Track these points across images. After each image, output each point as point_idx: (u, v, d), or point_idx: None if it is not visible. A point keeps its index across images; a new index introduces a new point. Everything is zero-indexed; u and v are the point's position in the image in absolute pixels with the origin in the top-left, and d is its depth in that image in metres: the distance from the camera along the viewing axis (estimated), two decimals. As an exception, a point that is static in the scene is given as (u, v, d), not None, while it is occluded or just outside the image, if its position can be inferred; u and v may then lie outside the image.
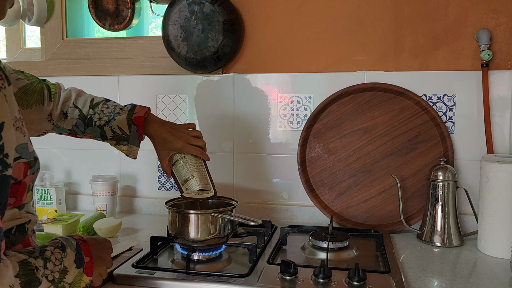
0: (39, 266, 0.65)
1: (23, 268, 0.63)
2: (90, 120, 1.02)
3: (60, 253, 0.71)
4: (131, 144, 1.03)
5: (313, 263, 0.99)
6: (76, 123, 1.03)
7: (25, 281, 0.62)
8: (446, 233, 1.16)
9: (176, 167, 1.06)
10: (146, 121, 1.03)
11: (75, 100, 1.04)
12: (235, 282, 0.87)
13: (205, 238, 0.99)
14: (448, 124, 1.29)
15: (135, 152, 1.04)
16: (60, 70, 1.55)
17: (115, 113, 1.03)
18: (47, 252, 0.69)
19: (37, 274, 0.64)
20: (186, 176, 1.04)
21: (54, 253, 0.70)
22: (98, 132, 1.03)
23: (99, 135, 1.03)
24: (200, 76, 1.45)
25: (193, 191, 1.02)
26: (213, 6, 1.34)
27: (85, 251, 0.76)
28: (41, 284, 0.65)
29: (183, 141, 1.04)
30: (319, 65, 1.37)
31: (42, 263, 0.66)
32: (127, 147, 1.03)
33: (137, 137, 1.02)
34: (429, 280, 0.93)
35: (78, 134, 1.04)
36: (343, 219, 1.32)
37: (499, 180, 1.06)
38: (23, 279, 0.62)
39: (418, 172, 1.29)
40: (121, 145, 1.03)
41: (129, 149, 1.04)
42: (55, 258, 0.69)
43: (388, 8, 1.31)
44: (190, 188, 1.03)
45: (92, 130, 1.03)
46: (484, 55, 1.22)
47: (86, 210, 1.50)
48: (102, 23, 1.49)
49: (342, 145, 1.34)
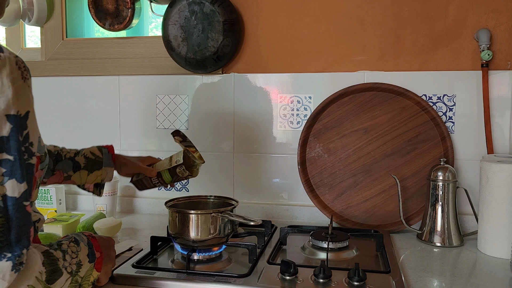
0: (59, 258, 0.69)
1: (47, 258, 0.66)
2: (59, 155, 1.04)
3: (75, 247, 0.74)
4: (105, 167, 1.05)
5: (313, 263, 0.99)
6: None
7: (50, 270, 0.66)
8: (446, 233, 1.16)
9: (155, 165, 1.12)
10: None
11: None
12: (235, 282, 0.87)
13: (205, 238, 0.99)
14: (448, 124, 1.29)
15: (110, 174, 1.07)
16: (60, 70, 1.55)
17: (81, 148, 1.07)
18: (64, 245, 0.72)
19: (59, 265, 0.68)
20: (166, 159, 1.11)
21: (70, 246, 0.73)
22: (69, 165, 1.04)
23: (71, 168, 1.04)
24: (200, 76, 1.45)
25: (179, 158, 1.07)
26: (213, 6, 1.34)
27: (96, 247, 0.80)
28: (62, 275, 0.68)
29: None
30: (319, 65, 1.37)
31: (61, 255, 0.70)
32: (102, 171, 1.05)
33: (110, 157, 1.06)
34: (429, 280, 0.93)
35: (45, 177, 1.03)
36: (343, 219, 1.32)
37: (499, 180, 1.06)
38: (48, 268, 0.65)
39: (418, 172, 1.29)
40: (94, 171, 1.05)
41: (104, 172, 1.06)
42: (71, 251, 0.72)
43: (388, 8, 1.31)
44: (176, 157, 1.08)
45: (63, 164, 1.03)
46: (484, 55, 1.22)
47: (86, 210, 1.50)
48: (102, 23, 1.49)
49: (342, 145, 1.34)
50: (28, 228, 0.63)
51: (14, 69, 0.61)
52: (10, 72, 0.60)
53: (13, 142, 0.61)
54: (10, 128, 0.60)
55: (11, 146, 0.61)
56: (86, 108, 1.54)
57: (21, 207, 0.62)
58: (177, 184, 1.48)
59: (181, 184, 1.48)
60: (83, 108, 1.55)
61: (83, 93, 1.54)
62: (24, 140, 0.62)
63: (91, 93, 1.54)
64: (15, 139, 0.61)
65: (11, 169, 0.61)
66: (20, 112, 0.61)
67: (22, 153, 0.62)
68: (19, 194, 0.62)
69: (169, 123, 1.47)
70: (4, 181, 0.60)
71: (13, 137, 0.61)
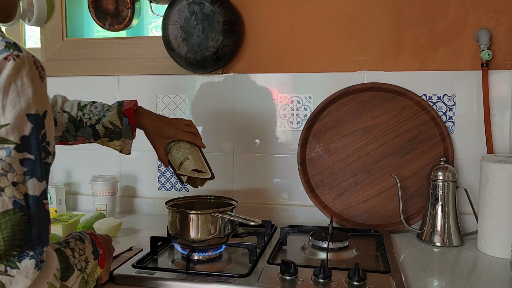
0: (69, 255, 0.70)
1: (59, 256, 0.68)
2: (80, 121, 1.03)
3: (81, 244, 0.75)
4: (124, 138, 1.04)
5: (313, 263, 0.99)
6: (66, 128, 1.03)
7: (64, 268, 0.67)
8: (446, 233, 1.16)
9: (171, 154, 1.06)
10: (136, 112, 1.04)
11: (61, 105, 1.05)
12: (235, 282, 0.87)
13: (205, 238, 0.99)
14: (448, 124, 1.29)
15: (128, 146, 1.05)
16: (60, 70, 1.55)
17: (104, 110, 1.04)
18: (71, 243, 0.73)
19: (70, 262, 0.69)
20: (180, 159, 1.04)
21: (77, 244, 0.74)
22: (90, 133, 1.03)
23: (91, 135, 1.03)
24: (200, 76, 1.45)
25: (188, 170, 1.03)
26: (213, 6, 1.34)
27: (99, 244, 0.81)
28: (74, 272, 0.69)
29: (175, 128, 1.06)
30: (319, 65, 1.37)
31: (71, 253, 0.71)
32: (120, 141, 1.04)
33: (129, 129, 1.03)
34: (429, 280, 0.93)
35: (69, 139, 1.04)
36: (343, 219, 1.32)
37: (499, 180, 1.06)
38: (62, 265, 0.67)
39: (418, 172, 1.29)
40: (114, 140, 1.03)
41: (123, 143, 1.04)
42: (78, 248, 0.74)
43: (388, 8, 1.31)
44: (185, 168, 1.03)
45: (84, 132, 1.03)
46: (484, 55, 1.22)
47: (86, 210, 1.50)
48: (102, 23, 1.49)
49: (342, 145, 1.34)
50: (47, 225, 0.64)
51: (33, 68, 0.62)
52: (29, 71, 0.61)
53: (34, 141, 0.61)
54: (31, 128, 0.61)
55: (32, 145, 0.61)
56: (86, 108, 1.54)
57: (41, 205, 0.63)
58: (177, 184, 1.48)
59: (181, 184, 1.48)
60: (83, 108, 1.54)
61: (83, 93, 1.54)
62: (42, 139, 0.63)
63: (91, 93, 1.53)
64: (36, 138, 0.61)
65: (32, 168, 0.61)
66: (39, 111, 0.62)
67: (41, 152, 0.62)
68: (40, 193, 0.62)
69: (169, 123, 1.47)
70: (25, 180, 0.61)
71: (33, 136, 0.61)
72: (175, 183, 1.49)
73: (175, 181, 1.49)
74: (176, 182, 1.48)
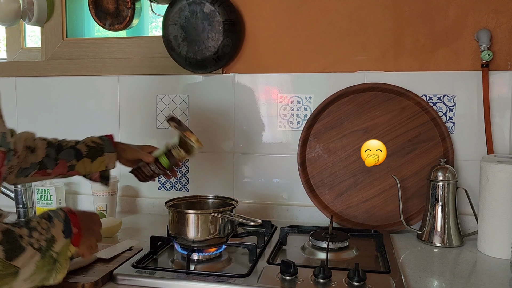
0: (23, 235, 0.69)
1: (6, 236, 0.66)
2: (60, 145, 1.04)
3: (46, 223, 0.74)
4: (107, 152, 1.04)
5: (313, 263, 0.99)
6: (46, 153, 1.02)
7: (8, 248, 0.66)
8: (446, 233, 1.16)
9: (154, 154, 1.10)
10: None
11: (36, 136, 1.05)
12: (235, 282, 0.87)
13: (205, 238, 0.99)
14: (448, 124, 1.29)
15: (113, 159, 1.06)
16: (60, 70, 1.55)
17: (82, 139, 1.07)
18: (32, 223, 0.72)
19: (21, 242, 0.68)
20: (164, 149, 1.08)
21: (41, 223, 0.73)
22: (71, 153, 1.03)
23: (73, 156, 1.03)
24: (200, 76, 1.45)
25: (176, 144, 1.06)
26: (213, 6, 1.34)
27: (74, 223, 0.79)
28: (25, 251, 0.68)
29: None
30: (319, 65, 1.37)
31: (27, 232, 0.70)
32: (104, 157, 1.04)
33: (111, 143, 1.06)
34: (429, 280, 0.93)
35: (48, 166, 1.03)
36: (343, 219, 1.32)
37: (499, 180, 1.06)
38: (6, 246, 0.65)
39: (418, 172, 1.29)
40: (97, 158, 1.04)
41: (107, 157, 1.04)
42: (41, 228, 0.72)
43: (388, 8, 1.31)
44: (173, 144, 1.07)
45: (65, 154, 1.03)
46: (484, 55, 1.22)
47: (86, 210, 1.50)
48: (102, 23, 1.49)
49: (342, 145, 1.34)
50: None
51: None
52: None
53: None
54: None
55: None
56: (86, 108, 1.54)
57: None
58: (177, 184, 1.48)
59: (181, 184, 1.48)
60: (83, 108, 1.55)
61: (83, 93, 1.54)
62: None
63: (91, 93, 1.54)
64: None
65: None
66: None
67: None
68: None
69: (169, 123, 1.47)
70: None
71: None
72: (175, 183, 1.49)
73: (175, 181, 1.49)
74: (176, 182, 1.48)
